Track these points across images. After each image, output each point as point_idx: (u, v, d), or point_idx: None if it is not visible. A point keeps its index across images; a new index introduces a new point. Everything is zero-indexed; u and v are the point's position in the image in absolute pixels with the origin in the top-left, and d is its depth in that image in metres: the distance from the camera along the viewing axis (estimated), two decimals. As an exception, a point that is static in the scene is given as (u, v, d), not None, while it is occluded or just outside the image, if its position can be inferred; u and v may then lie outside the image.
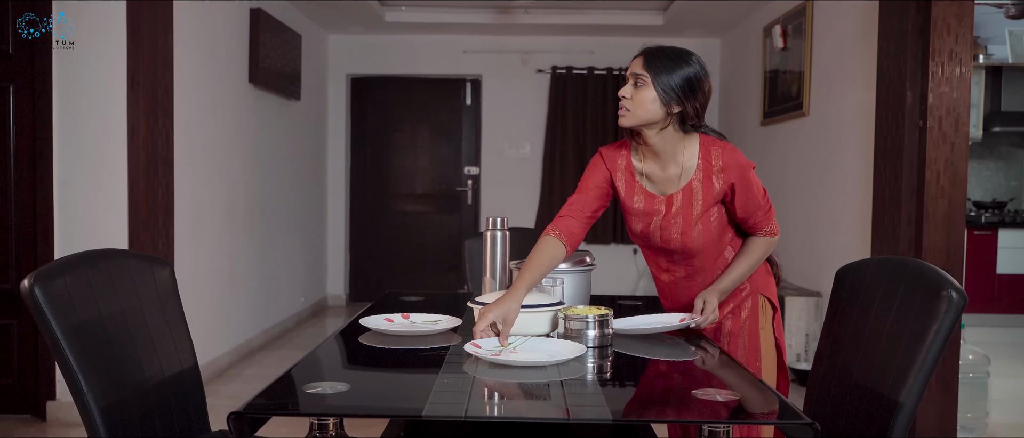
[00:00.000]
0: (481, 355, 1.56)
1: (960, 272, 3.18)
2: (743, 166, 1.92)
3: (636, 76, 1.88)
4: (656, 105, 1.87)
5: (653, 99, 1.86)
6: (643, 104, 1.87)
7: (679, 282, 2.08)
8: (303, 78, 5.77)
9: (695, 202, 1.94)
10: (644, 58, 1.89)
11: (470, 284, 2.96)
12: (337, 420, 1.30)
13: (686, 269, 2.04)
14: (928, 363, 1.48)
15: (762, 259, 2.02)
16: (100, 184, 3.44)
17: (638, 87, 1.88)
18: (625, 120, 1.91)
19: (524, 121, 6.81)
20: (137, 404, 1.60)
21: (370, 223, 6.98)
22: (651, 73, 1.86)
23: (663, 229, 1.97)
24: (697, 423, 1.28)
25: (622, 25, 6.26)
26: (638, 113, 1.88)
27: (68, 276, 1.54)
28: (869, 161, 3.71)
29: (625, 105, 1.90)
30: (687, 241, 1.96)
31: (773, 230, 2.02)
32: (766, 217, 2.00)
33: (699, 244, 1.96)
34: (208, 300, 4.27)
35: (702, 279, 2.04)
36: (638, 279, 6.83)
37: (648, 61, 1.88)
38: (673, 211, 1.96)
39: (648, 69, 1.87)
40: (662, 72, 1.86)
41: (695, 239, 1.95)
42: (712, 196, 1.93)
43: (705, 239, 1.96)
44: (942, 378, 3.14)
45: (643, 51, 1.91)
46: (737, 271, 1.99)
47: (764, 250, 2.01)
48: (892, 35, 3.30)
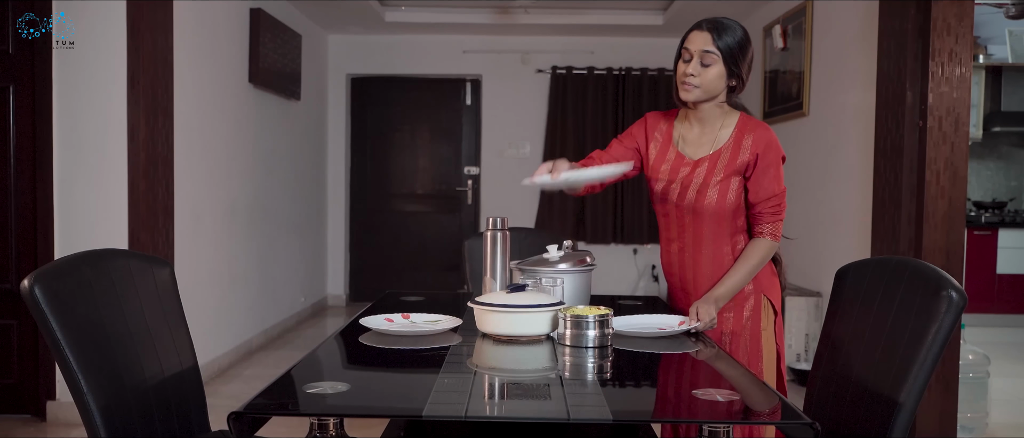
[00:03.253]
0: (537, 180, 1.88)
1: (960, 272, 3.18)
2: (773, 145, 1.98)
3: (704, 53, 1.93)
4: (722, 80, 1.95)
5: (721, 75, 1.94)
6: (712, 80, 1.94)
7: (684, 254, 2.08)
8: (303, 78, 5.77)
9: (719, 166, 1.99)
10: (713, 35, 1.93)
11: (470, 284, 2.96)
12: (337, 420, 1.30)
13: (693, 235, 2.05)
14: (928, 363, 1.48)
15: (761, 265, 2.01)
16: (100, 184, 3.44)
17: (706, 65, 1.93)
18: (691, 95, 1.96)
19: (524, 121, 6.81)
20: (137, 404, 1.60)
21: (370, 223, 6.98)
22: (720, 50, 1.92)
23: (683, 185, 2.02)
24: (697, 423, 1.28)
25: (622, 25, 6.26)
26: (707, 88, 1.95)
27: (68, 276, 1.54)
28: (869, 161, 3.71)
29: (692, 81, 1.94)
30: (701, 200, 2.00)
31: (776, 232, 2.02)
32: (773, 213, 2.00)
33: (711, 207, 2.00)
34: (208, 300, 4.27)
35: (703, 257, 2.05)
36: (638, 279, 6.84)
37: (718, 36, 1.92)
38: (697, 171, 2.01)
39: (718, 46, 1.92)
40: (730, 49, 1.92)
41: (709, 200, 1.99)
42: (736, 164, 1.98)
43: (717, 205, 1.99)
44: (942, 378, 3.14)
45: (709, 26, 1.94)
46: (735, 277, 1.99)
47: (763, 255, 2.01)
48: (892, 35, 3.30)
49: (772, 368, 2.06)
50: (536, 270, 2.01)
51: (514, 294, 1.79)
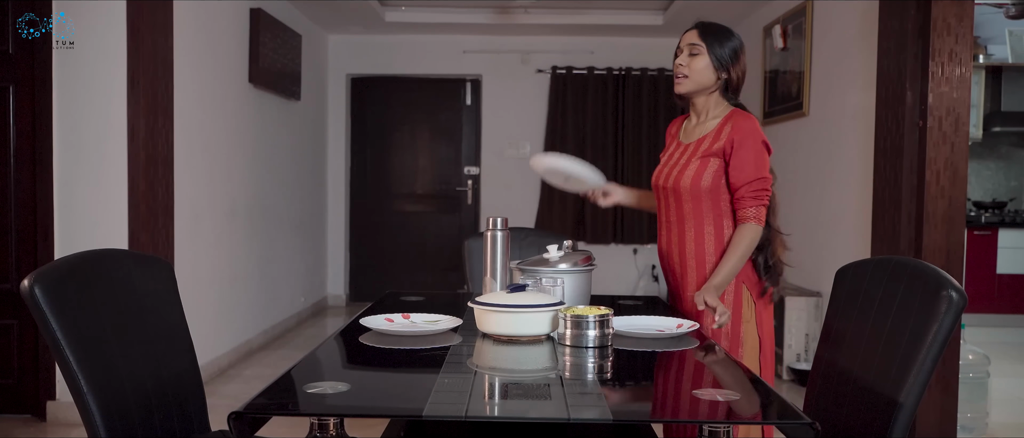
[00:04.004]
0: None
1: (960, 272, 3.18)
2: (751, 132, 2.07)
3: (692, 46, 2.12)
4: (710, 71, 2.12)
5: (707, 66, 2.11)
6: (699, 71, 2.12)
7: (671, 234, 2.20)
8: (303, 78, 5.77)
9: (699, 150, 2.12)
10: (699, 30, 2.13)
11: (470, 284, 2.96)
12: (337, 420, 1.30)
13: (677, 216, 2.18)
14: (928, 363, 1.48)
15: (750, 248, 2.07)
16: (100, 184, 3.44)
17: (693, 56, 2.12)
18: (682, 86, 2.14)
19: (524, 121, 6.81)
20: (137, 404, 1.60)
21: (370, 223, 6.98)
22: (706, 43, 2.11)
23: (669, 167, 2.19)
24: (697, 423, 1.28)
25: (622, 25, 6.26)
26: (695, 79, 2.13)
27: (68, 276, 1.54)
28: (869, 161, 3.71)
29: (682, 72, 2.13)
30: (680, 179, 2.13)
31: (759, 217, 2.07)
32: (755, 197, 2.07)
33: (686, 186, 2.12)
34: (208, 300, 4.27)
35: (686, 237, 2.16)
36: (638, 279, 6.84)
37: (703, 33, 2.12)
38: (683, 156, 2.17)
39: (703, 39, 2.11)
40: (715, 42, 2.11)
41: (685, 179, 2.12)
42: (712, 148, 2.10)
43: (692, 185, 2.11)
44: (942, 378, 3.14)
45: (697, 25, 2.15)
46: (728, 264, 2.06)
47: (750, 238, 2.06)
48: (892, 35, 3.30)
49: (753, 360, 2.11)
50: (536, 270, 2.01)
51: (514, 294, 1.79)
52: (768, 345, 2.14)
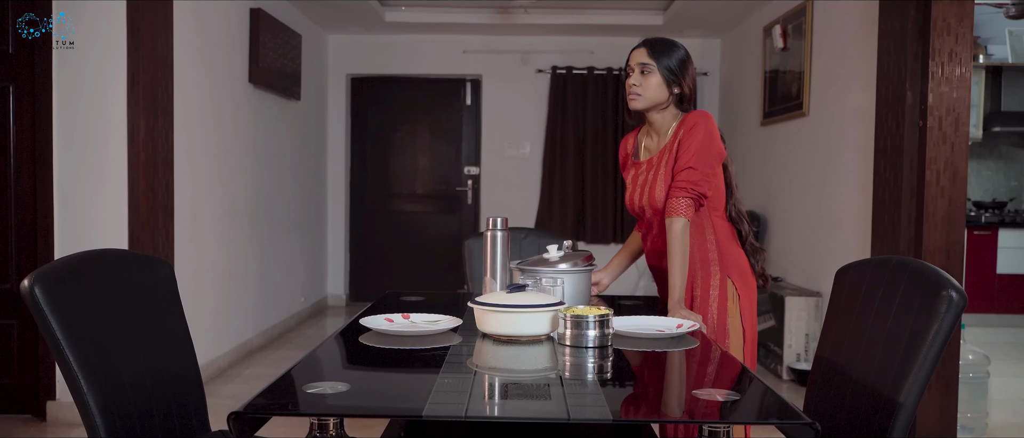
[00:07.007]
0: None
1: (960, 272, 3.18)
2: (693, 123, 2.11)
3: (642, 65, 2.16)
4: (662, 87, 2.16)
5: (659, 83, 2.16)
6: (652, 88, 2.16)
7: (660, 256, 2.23)
8: (303, 78, 5.77)
9: (662, 162, 2.17)
10: (648, 49, 2.18)
11: (470, 284, 2.96)
12: (337, 420, 1.30)
13: (659, 228, 2.19)
14: (928, 363, 1.48)
15: (684, 245, 2.08)
16: (100, 184, 3.44)
17: (645, 74, 2.16)
18: (637, 103, 2.18)
19: (524, 121, 6.81)
20: (137, 404, 1.60)
21: (370, 223, 6.98)
22: (655, 60, 2.16)
23: (640, 188, 2.23)
24: (697, 423, 1.28)
25: (622, 25, 6.26)
26: (648, 96, 2.17)
27: (68, 276, 1.53)
28: (869, 161, 3.71)
29: (635, 90, 2.17)
30: (652, 196, 2.17)
31: (684, 208, 2.08)
32: (681, 187, 2.08)
33: (661, 201, 2.15)
34: (208, 300, 4.27)
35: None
36: (638, 279, 6.83)
37: (652, 50, 2.17)
38: (649, 172, 2.21)
39: (653, 57, 2.16)
40: (664, 58, 2.16)
41: (658, 193, 2.16)
42: (673, 152, 2.14)
43: (665, 196, 2.15)
44: (942, 378, 3.14)
45: (644, 43, 2.20)
46: (675, 273, 2.07)
47: (679, 234, 2.07)
48: (892, 35, 3.30)
49: (738, 353, 2.13)
50: (536, 270, 2.01)
51: (514, 294, 1.79)
52: (751, 335, 2.18)
